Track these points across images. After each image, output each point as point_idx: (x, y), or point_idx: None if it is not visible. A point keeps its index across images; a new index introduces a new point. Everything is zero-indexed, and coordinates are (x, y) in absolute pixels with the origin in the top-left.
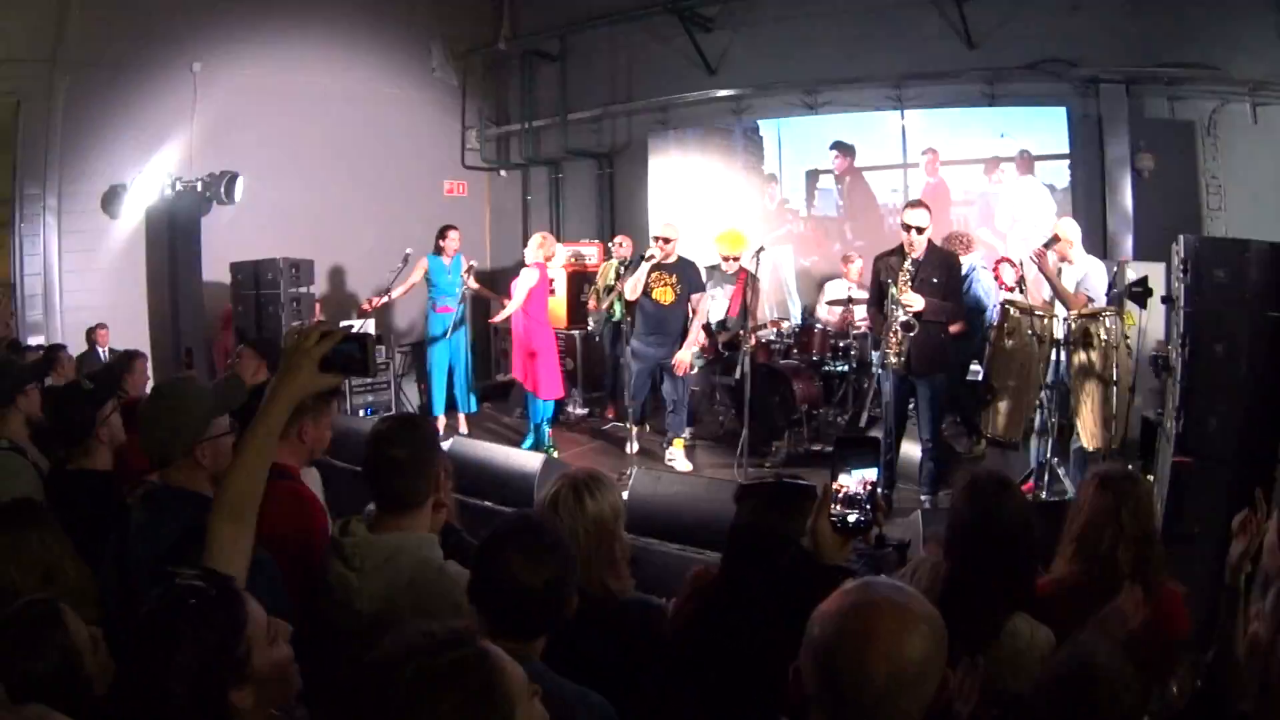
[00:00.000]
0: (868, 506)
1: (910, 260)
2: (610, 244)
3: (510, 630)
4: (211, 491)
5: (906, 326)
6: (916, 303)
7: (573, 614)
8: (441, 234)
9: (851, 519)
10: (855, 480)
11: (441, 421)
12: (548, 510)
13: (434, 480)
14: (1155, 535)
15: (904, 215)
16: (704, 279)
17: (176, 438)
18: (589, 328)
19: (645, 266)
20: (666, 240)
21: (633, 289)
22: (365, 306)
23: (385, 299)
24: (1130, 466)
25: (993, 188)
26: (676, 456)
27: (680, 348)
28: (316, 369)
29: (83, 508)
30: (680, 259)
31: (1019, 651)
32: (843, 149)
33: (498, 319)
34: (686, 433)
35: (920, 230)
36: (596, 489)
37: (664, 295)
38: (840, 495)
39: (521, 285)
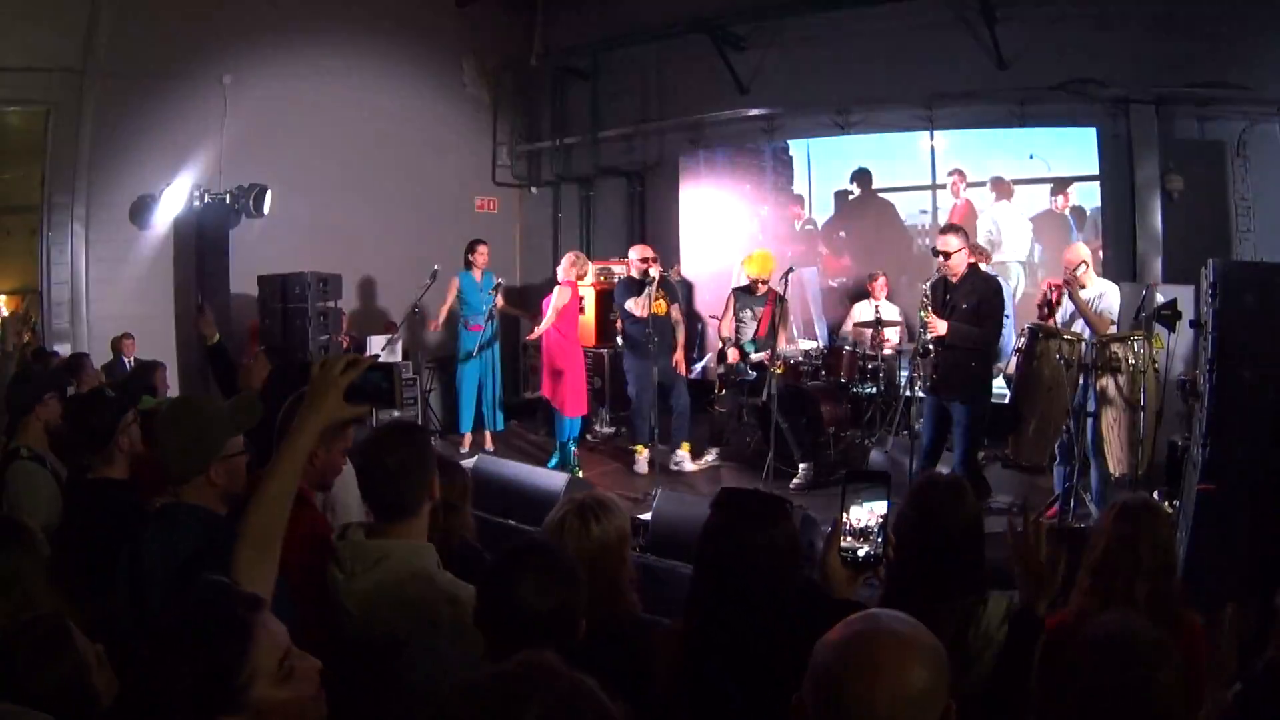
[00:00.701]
0: (878, 540)
1: (929, 284)
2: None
3: None
4: (223, 510)
5: (923, 350)
6: (940, 327)
7: (582, 638)
8: (471, 249)
9: (862, 553)
10: (865, 513)
11: (468, 440)
12: (554, 534)
13: (428, 488)
14: (1174, 568)
15: (936, 241)
16: (734, 302)
17: (192, 456)
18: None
19: (650, 288)
20: (655, 260)
21: (643, 309)
22: (433, 326)
23: (436, 325)
24: (1155, 493)
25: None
26: (684, 459)
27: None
28: (342, 399)
29: (102, 517)
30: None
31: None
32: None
33: (532, 336)
34: (713, 454)
35: (948, 255)
36: (602, 514)
37: (659, 308)
38: (850, 529)
39: (554, 302)
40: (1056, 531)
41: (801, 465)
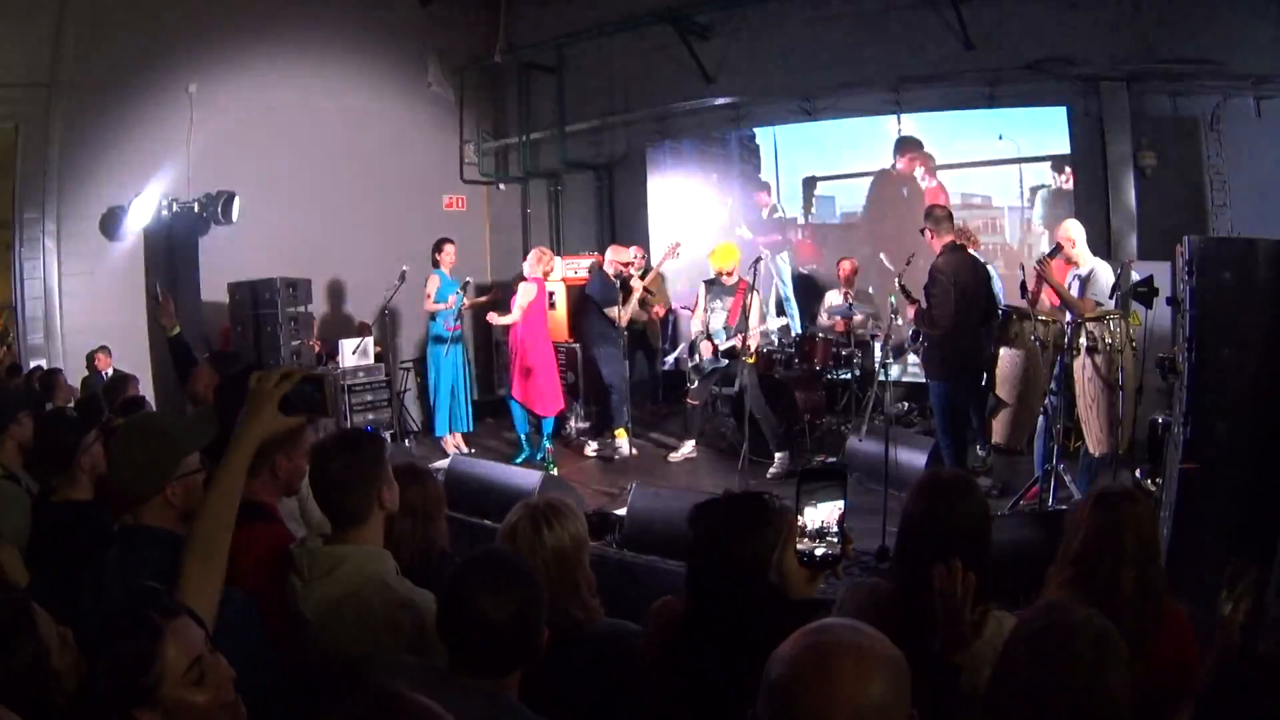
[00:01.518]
0: (836, 540)
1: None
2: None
3: (481, 668)
4: (184, 529)
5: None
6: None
7: (546, 647)
8: (438, 247)
9: (819, 553)
10: (822, 512)
11: (449, 442)
12: (506, 541)
13: (376, 496)
14: (1158, 557)
15: None
16: (704, 294)
17: (147, 477)
18: None
19: (635, 298)
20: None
21: (623, 319)
22: (455, 328)
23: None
24: (1138, 470)
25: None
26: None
27: None
28: (277, 410)
29: (66, 539)
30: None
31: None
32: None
33: (496, 322)
34: (689, 445)
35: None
36: (555, 519)
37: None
38: (807, 529)
39: (519, 300)
40: (1037, 516)
41: (777, 454)
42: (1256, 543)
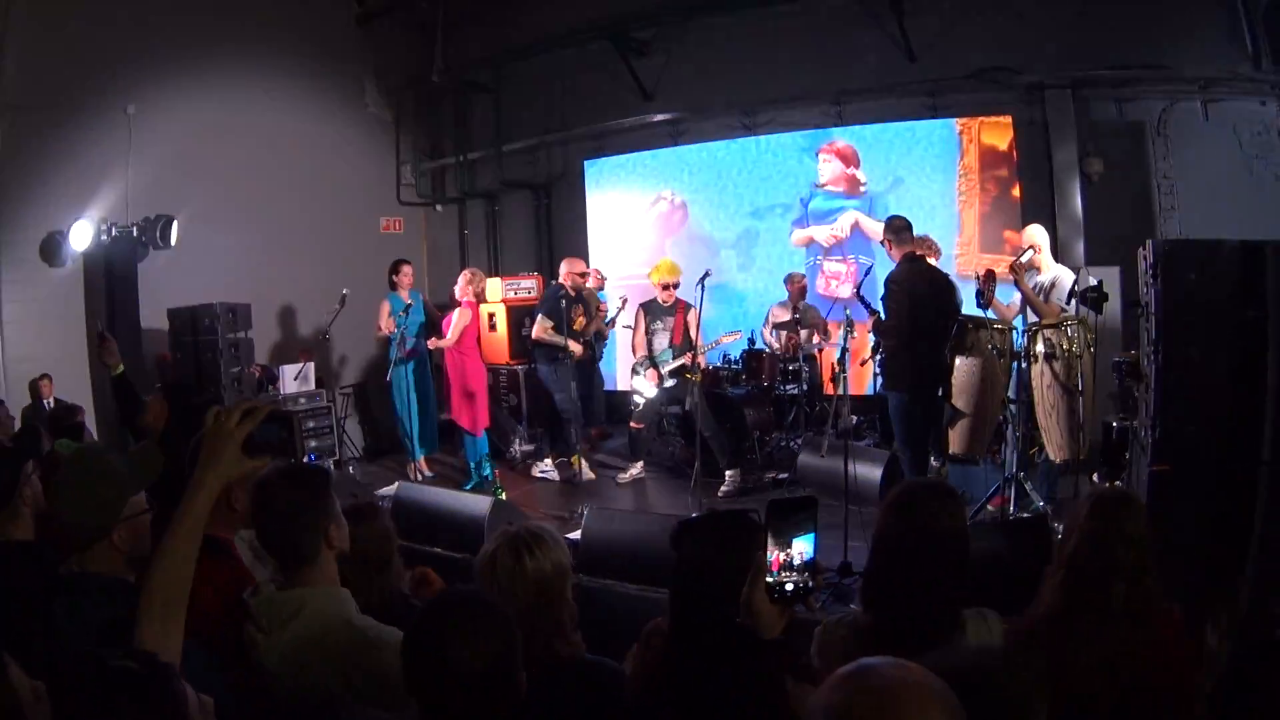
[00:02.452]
0: (806, 573)
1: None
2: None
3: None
4: (131, 574)
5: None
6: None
7: (523, 694)
8: (395, 269)
9: (789, 587)
10: (793, 544)
11: (414, 467)
12: (485, 570)
13: (323, 534)
14: (1153, 567)
15: None
16: (644, 316)
17: (91, 521)
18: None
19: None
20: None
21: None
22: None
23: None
24: (1095, 475)
25: None
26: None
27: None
28: (240, 452)
29: (14, 585)
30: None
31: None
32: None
33: (434, 345)
34: (637, 467)
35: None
36: (537, 547)
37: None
38: (777, 562)
39: (456, 324)
40: (1001, 525)
41: (728, 472)
42: (1228, 543)
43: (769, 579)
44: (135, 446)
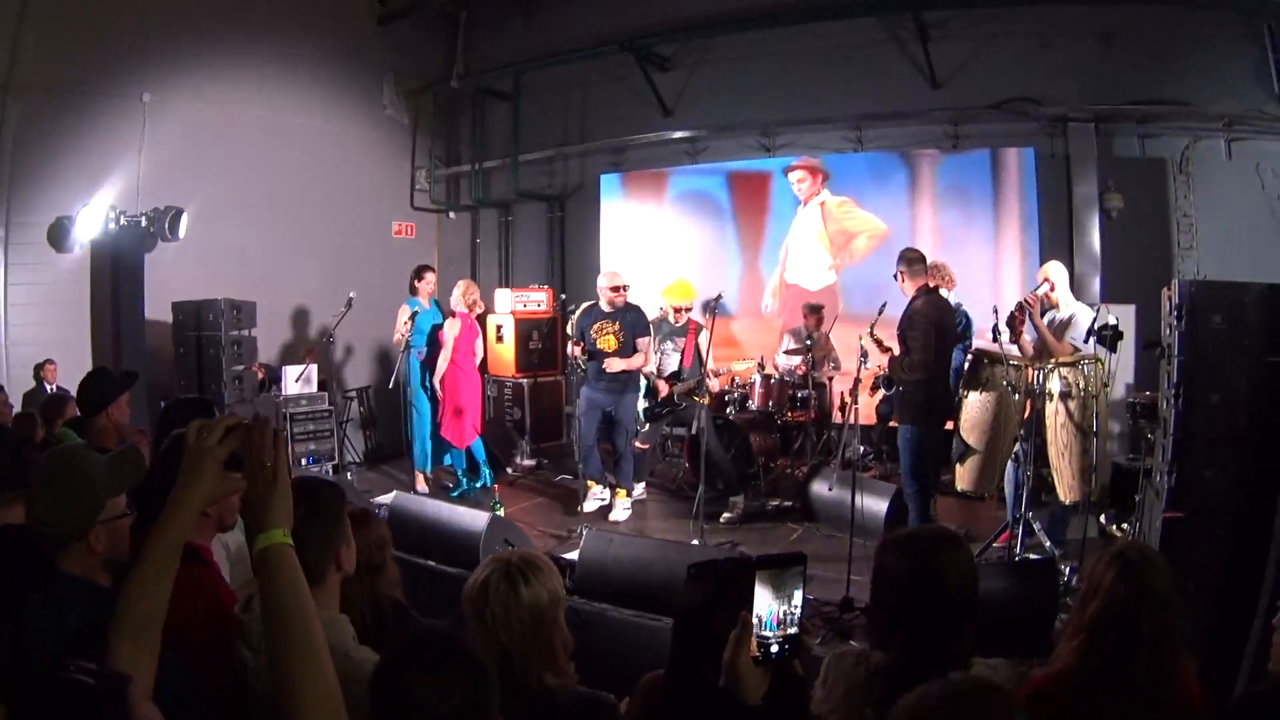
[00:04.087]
0: (793, 630)
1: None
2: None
3: None
4: (107, 579)
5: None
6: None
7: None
8: (419, 274)
9: (775, 648)
10: (781, 603)
11: (423, 478)
12: (477, 598)
13: (332, 555)
14: (1176, 628)
15: None
16: (654, 334)
17: (68, 520)
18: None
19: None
20: (615, 289)
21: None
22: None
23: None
24: (1103, 516)
25: None
26: (616, 507)
27: (629, 394)
28: (221, 471)
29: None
30: (626, 304)
31: None
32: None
33: (439, 374)
34: (639, 488)
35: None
36: (532, 574)
37: (607, 343)
38: (765, 622)
39: (447, 335)
40: (1006, 566)
41: (732, 499)
42: (1241, 592)
43: (756, 638)
44: (119, 449)
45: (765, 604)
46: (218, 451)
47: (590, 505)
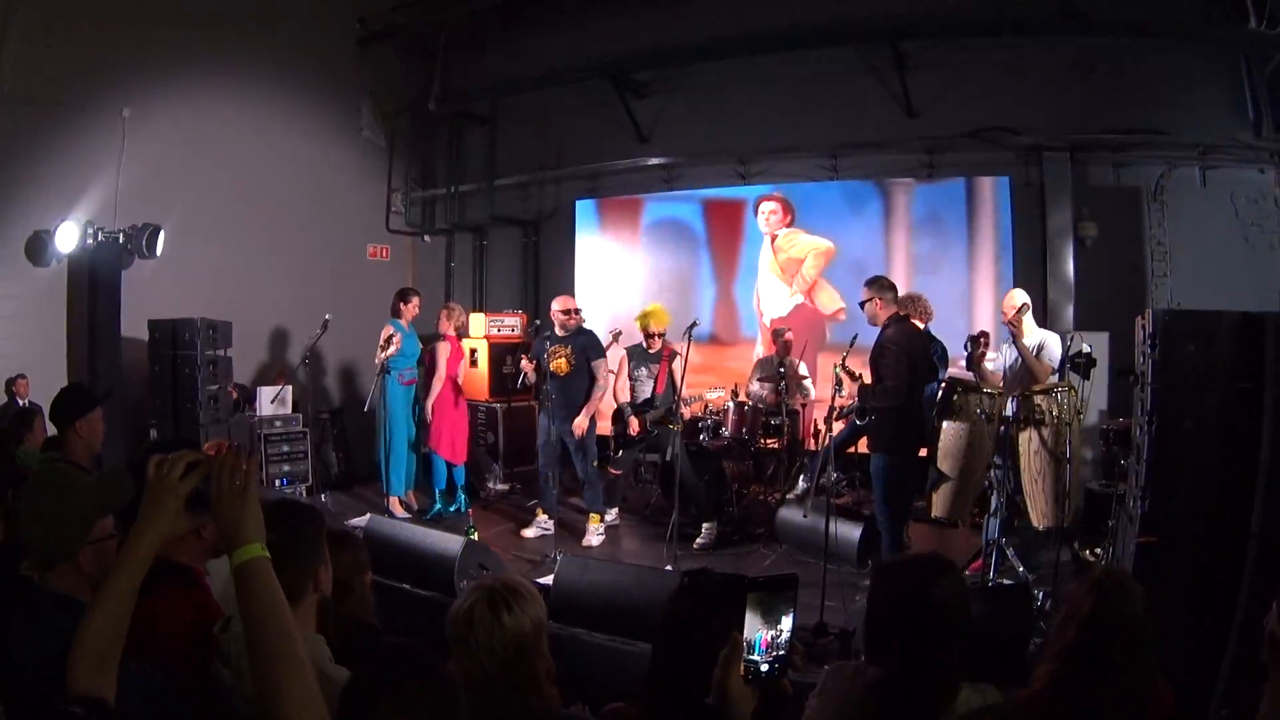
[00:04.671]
0: (781, 653)
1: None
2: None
3: None
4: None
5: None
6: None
7: None
8: (404, 298)
9: (764, 668)
10: (771, 625)
11: (397, 503)
12: (461, 624)
13: (311, 576)
14: (1151, 654)
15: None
16: (627, 362)
17: (57, 540)
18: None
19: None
20: (566, 313)
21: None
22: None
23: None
24: (1075, 543)
25: None
26: (589, 532)
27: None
28: (182, 508)
29: None
30: (579, 328)
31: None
32: None
33: (433, 398)
34: (612, 514)
35: (862, 305)
36: (515, 601)
37: (559, 366)
38: (755, 644)
39: (439, 358)
40: (981, 592)
41: (705, 524)
42: (1215, 616)
43: (746, 659)
44: (106, 469)
45: (754, 629)
46: (179, 488)
47: (530, 532)
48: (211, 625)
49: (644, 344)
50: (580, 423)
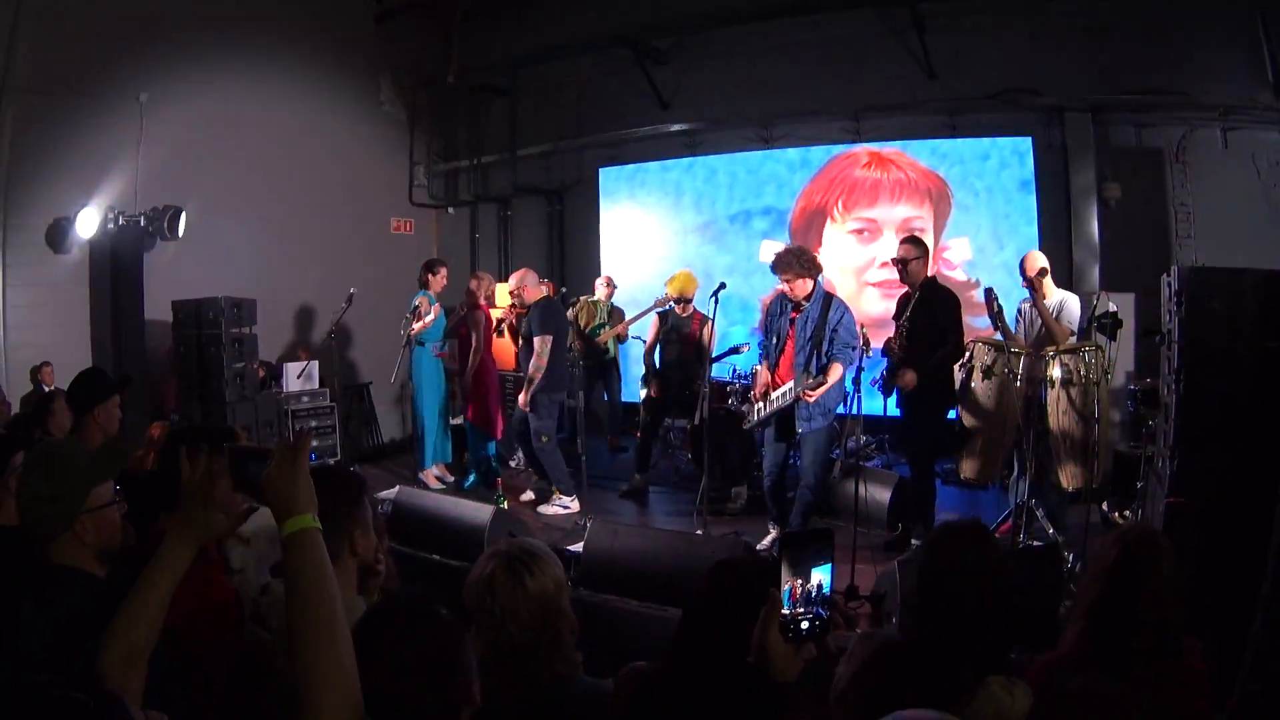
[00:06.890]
0: (821, 609)
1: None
2: (599, 282)
3: None
4: (100, 569)
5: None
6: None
7: (521, 709)
8: (432, 269)
9: (805, 625)
10: (808, 579)
11: (431, 475)
12: (482, 593)
13: (348, 536)
14: (1178, 612)
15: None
16: (658, 325)
17: (56, 511)
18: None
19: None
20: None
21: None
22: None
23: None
24: (1105, 504)
25: None
26: (551, 500)
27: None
28: (214, 515)
29: None
30: (537, 303)
31: (999, 715)
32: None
33: (472, 367)
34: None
35: (905, 264)
36: (535, 564)
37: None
38: (792, 598)
39: (480, 327)
40: (1013, 553)
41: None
42: (1243, 577)
43: (784, 613)
44: (102, 442)
45: (796, 576)
46: (210, 485)
47: (547, 509)
48: (222, 600)
49: (674, 309)
50: (521, 398)
